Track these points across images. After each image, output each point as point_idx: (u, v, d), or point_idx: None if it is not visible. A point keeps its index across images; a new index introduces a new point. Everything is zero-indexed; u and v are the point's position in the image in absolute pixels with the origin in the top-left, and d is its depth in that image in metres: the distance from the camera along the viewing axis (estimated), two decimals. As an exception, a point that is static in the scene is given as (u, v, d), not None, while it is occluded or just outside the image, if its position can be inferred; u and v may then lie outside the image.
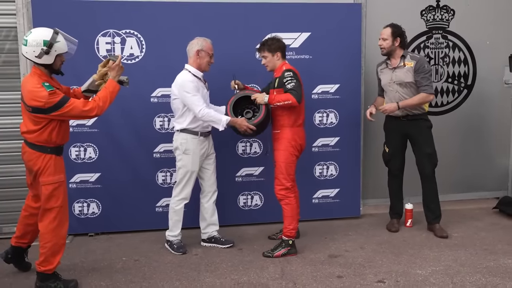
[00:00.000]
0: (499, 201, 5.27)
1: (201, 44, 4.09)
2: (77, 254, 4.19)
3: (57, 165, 3.48)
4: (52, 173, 3.43)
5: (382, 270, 3.81)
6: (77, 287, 3.58)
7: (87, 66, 4.43)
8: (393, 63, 4.51)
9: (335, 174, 5.00)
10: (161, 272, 3.83)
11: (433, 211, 4.63)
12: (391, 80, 4.52)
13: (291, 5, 4.74)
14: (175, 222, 4.24)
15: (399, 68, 4.47)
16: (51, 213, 3.43)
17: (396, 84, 4.48)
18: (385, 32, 4.47)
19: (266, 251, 4.13)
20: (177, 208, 4.22)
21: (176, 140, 4.18)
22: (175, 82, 4.09)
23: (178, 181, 4.22)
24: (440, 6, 5.34)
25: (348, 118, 4.94)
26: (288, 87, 3.97)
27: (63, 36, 3.39)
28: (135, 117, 4.57)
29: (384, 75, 4.59)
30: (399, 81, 4.46)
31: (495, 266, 3.86)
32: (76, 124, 4.49)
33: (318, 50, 4.76)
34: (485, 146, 5.64)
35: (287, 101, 3.94)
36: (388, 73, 4.55)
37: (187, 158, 4.14)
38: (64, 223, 3.51)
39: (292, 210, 4.11)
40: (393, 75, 4.50)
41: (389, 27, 4.47)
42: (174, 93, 4.12)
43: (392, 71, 4.51)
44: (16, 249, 3.80)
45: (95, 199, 4.64)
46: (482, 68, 5.53)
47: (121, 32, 4.48)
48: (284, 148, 4.09)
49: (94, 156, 4.59)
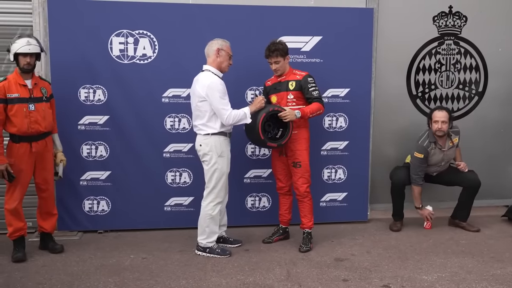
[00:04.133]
0: (508, 209, 5.23)
1: (221, 43, 4.04)
2: (86, 250, 4.25)
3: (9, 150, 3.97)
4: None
5: (387, 275, 3.81)
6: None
7: (100, 65, 4.51)
8: (443, 144, 4.72)
9: (343, 178, 5.01)
10: (168, 270, 3.87)
11: (467, 210, 4.88)
12: (442, 160, 4.76)
13: (303, 8, 4.76)
14: (213, 228, 4.10)
15: (450, 149, 4.76)
16: None
17: (445, 162, 4.79)
18: (445, 116, 4.65)
19: (302, 248, 4.25)
20: (214, 214, 4.07)
21: (207, 144, 4.00)
22: (202, 84, 3.94)
23: (213, 186, 4.04)
24: (453, 13, 5.33)
25: (358, 122, 4.94)
26: (315, 95, 4.16)
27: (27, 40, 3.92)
28: (146, 116, 4.62)
29: (434, 156, 4.73)
30: (448, 160, 4.82)
31: (502, 274, 3.84)
32: (88, 122, 4.56)
33: (329, 54, 4.77)
34: (495, 153, 5.61)
35: (319, 111, 4.17)
36: (439, 155, 4.73)
37: (222, 161, 4.03)
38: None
39: (312, 205, 4.35)
40: (444, 155, 4.74)
41: (446, 111, 4.67)
42: (200, 95, 3.94)
43: (444, 152, 4.72)
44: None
45: (105, 197, 4.70)
46: (493, 75, 5.50)
47: (135, 32, 4.53)
48: (305, 148, 4.27)
49: (105, 154, 4.64)
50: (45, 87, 4.11)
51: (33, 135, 3.96)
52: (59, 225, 4.55)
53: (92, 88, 4.55)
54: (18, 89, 3.91)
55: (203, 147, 4.02)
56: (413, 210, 4.97)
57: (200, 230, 4.15)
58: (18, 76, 3.95)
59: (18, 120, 3.89)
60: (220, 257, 4.09)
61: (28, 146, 3.96)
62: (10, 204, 3.97)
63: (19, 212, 4.02)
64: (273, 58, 4.14)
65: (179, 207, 4.78)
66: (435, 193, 4.91)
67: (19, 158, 3.94)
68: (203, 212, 4.10)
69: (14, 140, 3.95)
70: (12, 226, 4.00)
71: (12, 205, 3.96)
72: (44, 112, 4.02)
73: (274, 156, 4.45)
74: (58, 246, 4.24)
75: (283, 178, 4.43)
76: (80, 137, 4.59)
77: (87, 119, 4.57)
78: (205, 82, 3.94)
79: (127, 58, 4.55)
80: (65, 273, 3.80)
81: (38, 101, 3.99)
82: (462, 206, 4.87)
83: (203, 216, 4.11)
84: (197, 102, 4.00)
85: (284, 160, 4.37)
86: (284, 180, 4.43)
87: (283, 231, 4.56)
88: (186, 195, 4.77)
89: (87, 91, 4.55)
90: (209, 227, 4.09)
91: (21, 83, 3.93)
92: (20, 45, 3.88)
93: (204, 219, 4.10)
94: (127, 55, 4.54)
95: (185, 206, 4.79)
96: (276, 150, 4.36)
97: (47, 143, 4.09)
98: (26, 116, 3.91)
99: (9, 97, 3.88)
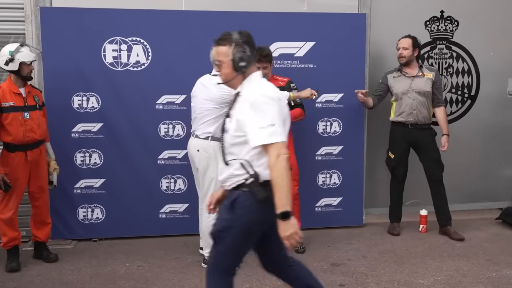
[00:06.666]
0: (502, 212, 5.26)
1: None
2: (81, 259, 4.22)
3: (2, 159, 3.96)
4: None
5: (384, 279, 3.81)
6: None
7: (94, 72, 4.50)
8: (411, 72, 4.68)
9: (338, 183, 5.01)
10: (164, 278, 3.85)
11: (445, 213, 4.80)
12: (409, 88, 4.65)
13: (296, 14, 4.78)
14: None
15: (418, 77, 4.67)
16: None
17: (415, 92, 4.64)
18: (406, 42, 4.65)
19: (300, 249, 4.32)
20: None
21: (206, 149, 3.85)
22: (221, 86, 3.61)
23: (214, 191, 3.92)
24: (444, 17, 5.38)
25: (352, 127, 4.95)
26: (298, 101, 4.24)
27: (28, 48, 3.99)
28: (140, 123, 4.61)
29: (400, 83, 4.71)
30: (419, 90, 4.64)
31: (497, 277, 3.86)
32: (82, 130, 4.54)
33: (323, 59, 4.79)
34: (488, 156, 5.64)
35: (301, 117, 4.29)
36: (406, 81, 4.67)
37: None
38: None
39: (299, 207, 4.45)
40: (412, 83, 4.64)
41: (409, 38, 4.67)
42: (208, 97, 3.82)
43: (411, 80, 4.63)
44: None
45: (99, 205, 4.67)
46: (485, 79, 5.54)
47: (128, 39, 4.53)
48: (293, 151, 4.33)
49: (99, 162, 4.62)
50: (37, 95, 4.11)
51: (29, 144, 3.94)
52: (53, 234, 4.51)
53: (86, 95, 4.53)
54: (12, 97, 3.89)
55: (201, 153, 3.88)
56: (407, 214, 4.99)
57: (204, 243, 4.01)
58: (12, 84, 3.94)
59: (14, 128, 3.87)
60: None
61: (23, 155, 3.93)
62: (5, 213, 3.93)
63: (14, 222, 3.98)
64: (265, 63, 4.10)
65: (174, 214, 4.76)
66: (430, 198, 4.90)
67: (14, 167, 3.91)
68: (205, 223, 3.88)
69: (9, 149, 3.92)
70: (7, 236, 3.97)
71: (7, 215, 3.93)
72: (39, 120, 4.01)
73: None
74: (52, 255, 4.20)
75: None
76: (74, 145, 4.57)
77: (80, 126, 4.55)
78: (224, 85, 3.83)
79: (121, 65, 4.54)
80: (60, 282, 3.77)
81: (32, 109, 3.98)
82: (438, 210, 4.82)
83: (206, 228, 3.80)
84: (202, 106, 3.87)
85: None
86: None
87: None
88: (181, 202, 4.75)
89: (81, 99, 4.53)
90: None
91: (15, 91, 3.92)
92: (26, 54, 3.90)
93: (208, 230, 3.92)
94: (121, 62, 4.53)
95: (180, 213, 4.77)
96: None
97: (41, 151, 4.07)
98: (21, 124, 3.89)
99: (4, 106, 3.86)
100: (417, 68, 4.70)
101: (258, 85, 2.51)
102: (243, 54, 2.48)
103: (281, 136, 2.35)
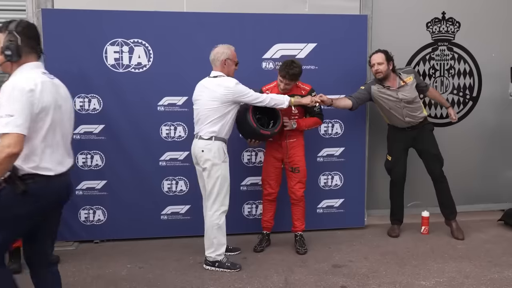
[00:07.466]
0: (504, 213, 5.25)
1: (226, 53, 3.95)
2: (83, 261, 4.22)
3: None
4: None
5: (385, 281, 3.81)
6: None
7: (95, 74, 4.50)
8: (393, 84, 4.60)
9: (339, 184, 5.01)
10: (166, 279, 3.85)
11: (449, 207, 4.82)
12: (397, 99, 4.59)
13: (298, 16, 4.78)
14: (220, 240, 3.95)
15: (402, 88, 4.59)
16: None
17: (404, 102, 4.60)
18: (380, 57, 4.54)
19: (301, 250, 4.37)
20: (221, 223, 3.93)
21: (210, 149, 3.87)
22: (225, 86, 3.84)
23: (217, 193, 3.90)
24: (446, 19, 5.37)
25: (353, 128, 4.96)
26: (316, 110, 4.42)
27: None
28: (142, 125, 4.61)
29: (388, 99, 4.62)
30: (407, 99, 4.59)
31: (499, 278, 3.85)
32: (83, 131, 4.55)
33: (324, 60, 4.79)
34: (490, 158, 5.63)
35: (316, 125, 4.49)
36: (393, 94, 4.60)
37: (225, 166, 3.94)
38: None
39: (305, 209, 4.51)
40: (399, 94, 4.58)
41: (381, 52, 4.55)
42: (213, 98, 3.85)
43: (396, 92, 4.59)
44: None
45: (101, 206, 4.67)
46: (487, 80, 5.54)
47: (129, 41, 4.54)
48: (303, 154, 4.43)
49: (100, 163, 4.63)
50: None
51: None
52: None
53: (87, 97, 4.54)
54: None
55: (206, 153, 3.89)
56: (408, 215, 4.98)
57: (207, 243, 4.00)
58: None
59: None
60: (230, 271, 3.97)
61: None
62: None
63: None
64: (287, 80, 4.18)
65: (175, 216, 4.77)
66: (432, 198, 4.90)
67: None
68: (209, 223, 3.94)
69: None
70: None
71: None
72: None
73: (267, 162, 4.48)
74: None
75: (274, 184, 4.46)
76: (76, 147, 4.53)
77: (82, 128, 4.55)
78: (228, 84, 3.85)
79: (122, 67, 4.55)
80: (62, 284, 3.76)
81: None
82: (441, 204, 4.86)
83: (209, 227, 3.95)
84: (206, 106, 3.88)
85: (278, 165, 4.43)
86: (274, 186, 4.47)
87: (268, 237, 4.59)
88: (182, 203, 4.75)
89: (82, 100, 4.54)
90: (217, 238, 3.94)
91: None
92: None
93: (211, 230, 3.95)
94: (122, 64, 4.54)
95: (181, 214, 4.77)
96: (276, 159, 4.41)
97: None
98: None
99: None
100: (397, 79, 4.61)
101: (19, 76, 2.57)
102: (10, 43, 2.55)
103: (17, 127, 2.37)
